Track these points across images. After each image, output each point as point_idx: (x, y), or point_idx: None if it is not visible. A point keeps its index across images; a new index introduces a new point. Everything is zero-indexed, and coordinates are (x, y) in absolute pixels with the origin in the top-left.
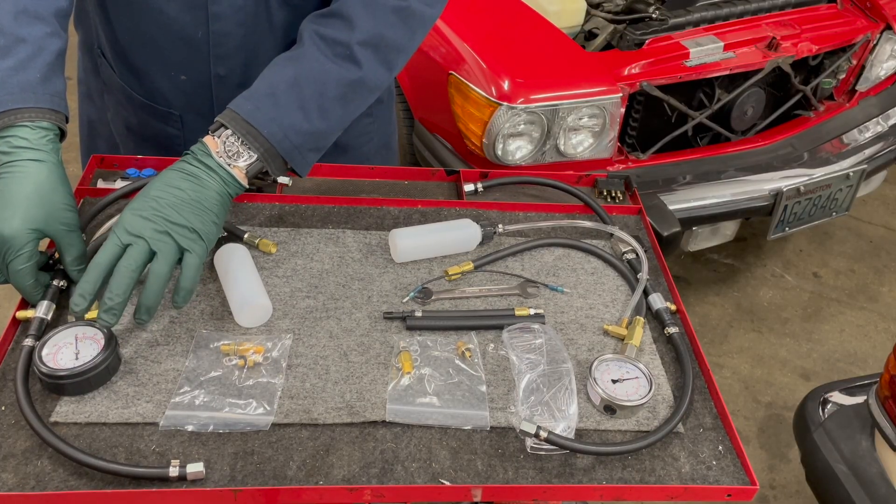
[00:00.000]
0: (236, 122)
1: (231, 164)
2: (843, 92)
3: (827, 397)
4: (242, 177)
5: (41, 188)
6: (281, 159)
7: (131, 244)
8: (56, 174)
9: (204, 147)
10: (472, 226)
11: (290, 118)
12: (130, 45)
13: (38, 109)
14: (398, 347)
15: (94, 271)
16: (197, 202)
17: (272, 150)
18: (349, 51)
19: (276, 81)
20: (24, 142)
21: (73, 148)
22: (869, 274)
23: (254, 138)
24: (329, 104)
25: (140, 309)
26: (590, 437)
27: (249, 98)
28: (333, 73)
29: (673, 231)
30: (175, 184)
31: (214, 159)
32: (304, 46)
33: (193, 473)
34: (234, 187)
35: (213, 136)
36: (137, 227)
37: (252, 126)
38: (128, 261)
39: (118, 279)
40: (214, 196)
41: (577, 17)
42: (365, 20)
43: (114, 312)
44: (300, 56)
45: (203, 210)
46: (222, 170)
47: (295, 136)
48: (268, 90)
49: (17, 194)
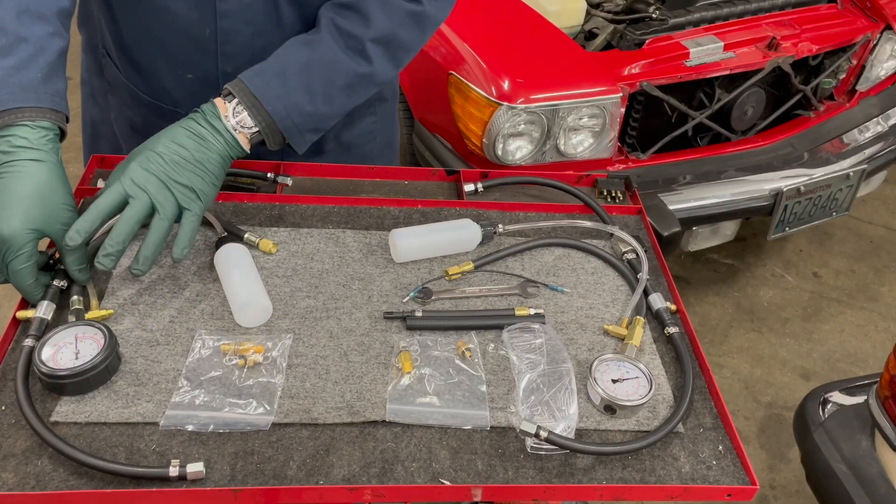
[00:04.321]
0: (244, 93)
1: (238, 130)
2: (843, 92)
3: (827, 397)
4: (246, 143)
5: (41, 188)
6: (280, 135)
7: (134, 196)
8: (56, 174)
9: (214, 109)
10: (472, 226)
11: (295, 99)
12: (136, 43)
13: (38, 109)
14: (398, 347)
15: (92, 212)
16: (199, 163)
17: (273, 126)
18: (362, 46)
19: (288, 62)
20: (24, 141)
21: (73, 148)
22: (869, 274)
23: (258, 112)
24: (335, 92)
25: (139, 259)
26: (590, 437)
27: (260, 73)
28: (344, 64)
29: (673, 231)
30: (181, 141)
31: (223, 122)
32: (321, 33)
33: (193, 473)
34: (237, 151)
35: (224, 101)
36: (142, 180)
37: (258, 100)
38: (131, 212)
39: (121, 228)
40: (217, 158)
41: (577, 17)
42: (381, 19)
43: (112, 257)
44: (315, 42)
45: (204, 171)
46: (228, 134)
47: (297, 116)
48: (279, 69)
49: (16, 194)
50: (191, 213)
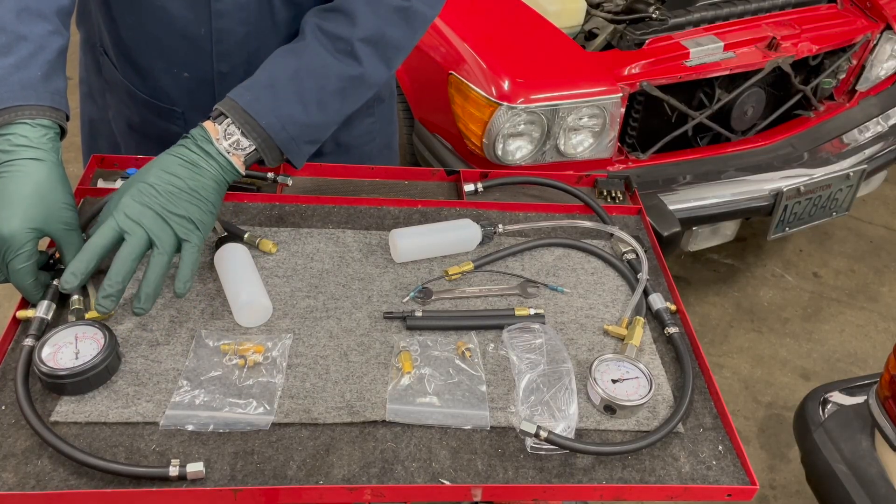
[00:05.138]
0: (235, 111)
1: (231, 152)
2: (843, 92)
3: (827, 397)
4: (240, 165)
5: (40, 187)
6: (278, 150)
7: (129, 232)
8: (56, 173)
9: (204, 133)
10: (472, 226)
11: (288, 110)
12: (133, 42)
13: (38, 107)
14: (398, 347)
15: (88, 252)
16: (194, 191)
17: (269, 141)
18: (350, 47)
19: (276, 73)
20: (24, 139)
21: (73, 148)
22: (869, 274)
23: (252, 128)
24: (328, 98)
25: (140, 297)
26: (590, 437)
27: (249, 88)
28: (334, 67)
29: (673, 231)
30: (173, 171)
31: (215, 146)
32: (306, 40)
33: (193, 473)
34: (232, 174)
35: (214, 123)
36: (136, 214)
37: (251, 116)
38: (128, 249)
39: (118, 266)
40: (211, 184)
41: (577, 17)
42: (367, 17)
43: (113, 299)
44: (301, 49)
45: (200, 199)
46: (222, 157)
47: (292, 127)
48: (268, 81)
49: (15, 194)
50: (190, 244)
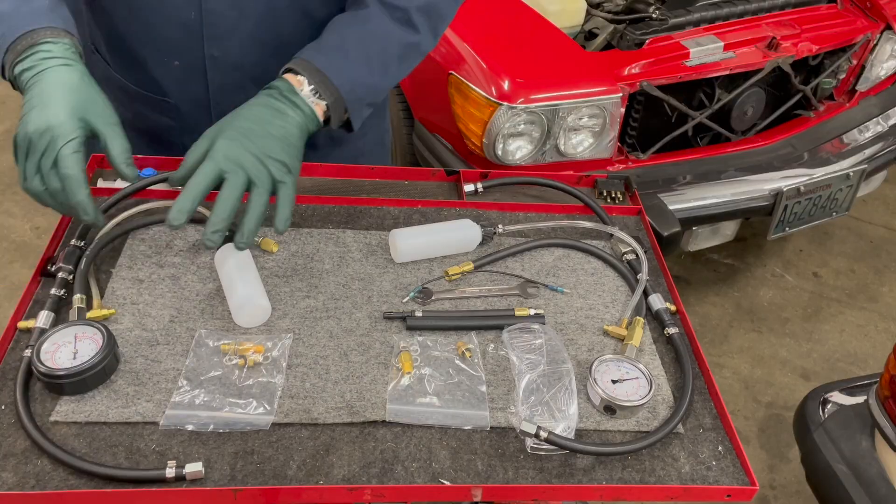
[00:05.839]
0: (309, 70)
1: (315, 102)
2: (843, 92)
3: (827, 397)
4: (322, 115)
5: (77, 86)
6: (343, 110)
7: (231, 171)
8: (88, 77)
9: (288, 84)
10: (472, 226)
11: (357, 71)
12: (124, 31)
13: (53, 28)
14: (398, 347)
15: (192, 190)
16: (285, 138)
17: (340, 101)
18: (408, 16)
19: (344, 36)
20: (50, 53)
21: None
22: (869, 274)
23: (325, 87)
24: (390, 62)
25: (244, 233)
26: (590, 438)
27: (320, 50)
28: (396, 34)
29: (673, 231)
30: (263, 117)
31: (300, 96)
32: (369, 8)
33: (192, 473)
34: (315, 123)
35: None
36: (236, 156)
37: (325, 75)
38: (231, 188)
39: (224, 205)
40: (297, 132)
41: (577, 17)
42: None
43: (220, 234)
44: (365, 16)
45: (290, 145)
46: (307, 106)
47: (360, 88)
48: (337, 43)
49: (55, 92)
50: (286, 185)
